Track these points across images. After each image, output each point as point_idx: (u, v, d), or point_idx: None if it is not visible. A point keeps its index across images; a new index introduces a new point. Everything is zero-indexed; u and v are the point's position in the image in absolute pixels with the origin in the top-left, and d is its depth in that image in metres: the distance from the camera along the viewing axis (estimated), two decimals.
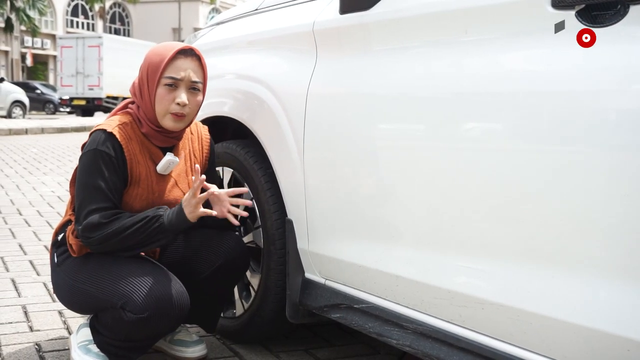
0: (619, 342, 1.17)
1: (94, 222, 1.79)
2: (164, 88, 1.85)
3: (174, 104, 1.85)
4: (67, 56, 23.09)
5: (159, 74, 1.84)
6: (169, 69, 1.84)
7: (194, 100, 1.89)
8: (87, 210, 1.81)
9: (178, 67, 1.85)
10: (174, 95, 1.85)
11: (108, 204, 1.82)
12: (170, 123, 1.88)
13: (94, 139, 1.85)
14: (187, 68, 1.86)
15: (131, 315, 1.76)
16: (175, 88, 1.86)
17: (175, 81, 1.85)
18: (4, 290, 2.78)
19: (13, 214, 4.52)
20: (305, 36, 1.92)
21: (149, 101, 1.87)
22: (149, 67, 1.87)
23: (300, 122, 1.86)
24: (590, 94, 1.22)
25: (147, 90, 1.87)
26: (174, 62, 1.85)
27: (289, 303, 1.99)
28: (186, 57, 1.86)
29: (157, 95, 1.85)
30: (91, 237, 1.80)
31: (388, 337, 1.63)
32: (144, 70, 1.88)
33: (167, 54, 1.85)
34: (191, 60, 1.87)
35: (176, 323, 1.88)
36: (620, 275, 1.18)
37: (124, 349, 1.87)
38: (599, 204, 1.19)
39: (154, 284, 1.79)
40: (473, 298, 1.42)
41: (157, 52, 1.88)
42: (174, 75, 1.84)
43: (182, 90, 1.86)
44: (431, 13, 1.55)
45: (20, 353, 2.12)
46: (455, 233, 1.47)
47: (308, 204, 1.87)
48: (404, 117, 1.60)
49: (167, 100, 1.85)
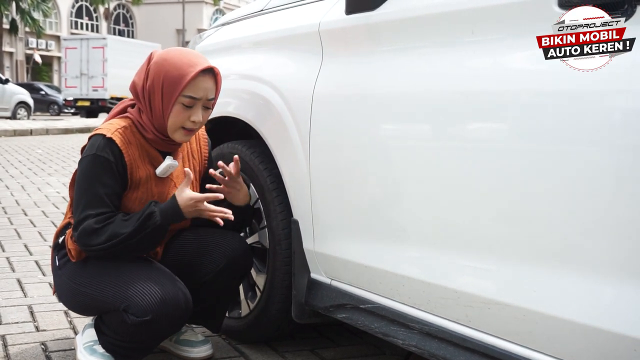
0: (626, 341, 1.17)
1: (88, 229, 1.78)
2: (180, 105, 1.83)
3: (188, 121, 1.85)
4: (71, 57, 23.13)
5: (178, 91, 1.81)
6: (189, 88, 1.82)
7: (205, 116, 1.90)
8: (83, 216, 1.80)
9: (198, 87, 1.83)
10: (189, 113, 1.84)
11: (105, 209, 1.80)
12: (181, 137, 1.88)
13: (92, 144, 1.83)
14: (207, 88, 1.85)
15: (134, 318, 1.76)
16: (191, 106, 1.85)
17: (194, 101, 1.84)
18: (10, 290, 2.78)
19: (18, 215, 4.53)
20: (311, 37, 1.92)
21: (161, 113, 1.85)
22: (166, 81, 1.82)
23: (306, 123, 1.87)
24: (597, 93, 1.22)
25: (161, 103, 1.84)
26: (194, 82, 1.82)
27: (294, 303, 1.99)
28: (205, 76, 1.84)
29: (172, 111, 1.83)
30: (89, 243, 1.79)
31: (394, 337, 1.63)
32: (159, 80, 1.83)
33: (188, 71, 1.81)
34: (210, 79, 1.86)
35: (179, 324, 1.88)
36: (627, 274, 1.18)
37: (128, 350, 1.87)
38: (606, 203, 1.19)
39: (156, 286, 1.78)
40: (479, 298, 1.42)
41: (176, 65, 1.82)
42: (193, 95, 1.83)
43: (199, 108, 1.86)
44: (437, 13, 1.55)
45: (27, 353, 2.13)
46: (461, 233, 1.47)
47: (314, 204, 1.87)
48: (410, 118, 1.60)
49: (182, 117, 1.84)
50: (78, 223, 1.81)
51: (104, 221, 1.78)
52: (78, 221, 1.81)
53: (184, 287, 1.86)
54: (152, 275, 1.82)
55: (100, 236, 1.77)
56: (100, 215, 1.79)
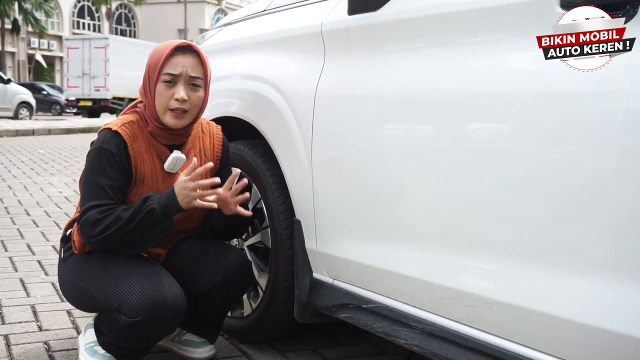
0: (628, 341, 1.17)
1: (90, 219, 1.79)
2: (162, 85, 1.87)
3: (172, 100, 1.86)
4: (73, 57, 23.14)
5: (157, 70, 1.86)
6: (167, 66, 1.86)
7: (194, 96, 1.89)
8: (87, 207, 1.81)
9: (176, 64, 1.86)
10: (172, 91, 1.87)
11: (108, 201, 1.82)
12: (170, 120, 1.89)
13: (100, 137, 1.88)
14: (185, 64, 1.87)
15: (125, 318, 1.76)
16: (174, 84, 1.87)
17: (174, 77, 1.86)
18: (13, 290, 2.79)
19: (21, 215, 4.54)
20: (313, 37, 1.92)
21: (151, 99, 1.90)
22: (150, 66, 1.90)
23: (309, 123, 1.87)
24: (599, 94, 1.22)
25: (149, 87, 1.90)
26: (171, 59, 1.86)
27: (297, 303, 2.00)
28: (184, 53, 1.88)
29: (156, 91, 1.88)
30: (90, 234, 1.80)
31: (396, 337, 1.64)
32: (146, 68, 1.91)
33: (165, 51, 1.87)
34: (190, 56, 1.89)
35: (172, 326, 1.88)
36: (629, 274, 1.18)
37: (125, 350, 1.88)
38: (608, 203, 1.20)
39: (149, 287, 1.77)
40: (481, 298, 1.42)
41: (157, 49, 1.91)
42: (171, 71, 1.86)
43: (181, 86, 1.87)
44: (440, 14, 1.55)
45: (30, 352, 2.14)
46: (463, 233, 1.47)
47: (316, 204, 1.87)
48: (412, 118, 1.60)
49: (165, 96, 1.87)
50: (81, 214, 1.83)
51: (106, 212, 1.80)
52: (82, 212, 1.83)
53: (179, 288, 1.84)
54: (146, 275, 1.81)
55: (100, 225, 1.78)
56: (103, 206, 1.81)
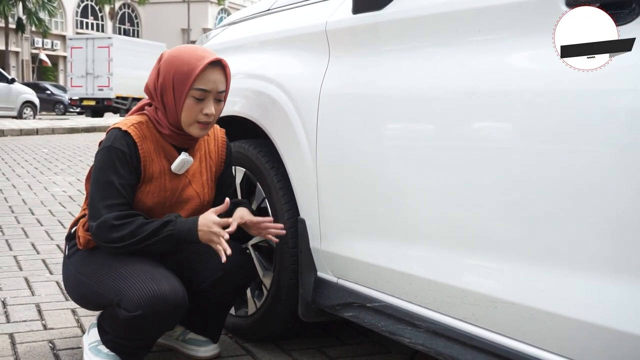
0: (633, 340, 1.17)
1: (107, 223, 1.81)
2: (192, 99, 1.86)
3: (201, 114, 1.88)
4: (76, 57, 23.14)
5: (188, 85, 1.84)
6: (198, 81, 1.85)
7: (218, 109, 1.92)
8: (100, 206, 1.82)
9: (207, 80, 1.86)
10: (202, 106, 1.87)
11: (120, 200, 1.84)
12: (197, 131, 1.91)
13: (109, 137, 1.88)
14: (216, 80, 1.88)
15: (125, 312, 1.77)
16: (203, 99, 1.87)
17: (205, 93, 1.87)
18: (18, 289, 2.80)
19: (25, 214, 4.55)
20: (317, 36, 1.92)
21: (174, 109, 1.88)
22: (176, 76, 1.86)
23: (313, 122, 1.87)
24: (604, 92, 1.22)
25: (173, 98, 1.87)
26: (203, 74, 1.85)
27: (301, 302, 2.00)
28: (214, 68, 1.88)
29: (185, 105, 1.87)
30: (104, 238, 1.81)
31: (401, 336, 1.64)
32: (169, 77, 1.87)
33: (197, 64, 1.84)
34: (218, 72, 1.89)
35: (171, 321, 1.88)
36: (634, 273, 1.17)
37: (128, 347, 1.89)
38: (612, 201, 1.20)
39: (149, 282, 1.78)
40: (486, 296, 1.42)
41: (185, 60, 1.86)
42: (203, 87, 1.86)
43: (210, 101, 1.88)
44: (445, 13, 1.55)
45: (35, 351, 2.14)
46: (467, 232, 1.47)
47: (320, 203, 1.87)
48: (416, 117, 1.60)
49: (195, 111, 1.87)
50: (97, 213, 1.83)
51: (123, 218, 1.81)
52: (98, 210, 1.83)
53: (180, 284, 1.85)
54: (148, 270, 1.82)
55: (117, 233, 1.80)
56: (119, 206, 1.82)
